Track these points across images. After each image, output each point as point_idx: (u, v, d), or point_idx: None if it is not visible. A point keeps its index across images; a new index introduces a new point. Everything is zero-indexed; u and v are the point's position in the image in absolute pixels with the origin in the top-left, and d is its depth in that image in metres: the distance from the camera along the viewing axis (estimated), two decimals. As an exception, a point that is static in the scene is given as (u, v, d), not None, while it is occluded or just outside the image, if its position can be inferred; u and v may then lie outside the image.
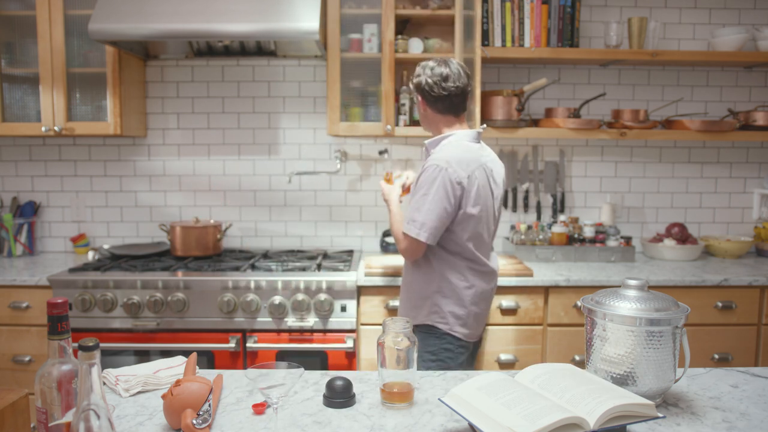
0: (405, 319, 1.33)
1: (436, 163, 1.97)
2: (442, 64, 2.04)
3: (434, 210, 1.95)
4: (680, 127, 2.95)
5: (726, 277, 2.61)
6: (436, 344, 2.05)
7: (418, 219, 1.98)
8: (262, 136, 3.16)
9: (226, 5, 2.55)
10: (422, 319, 2.08)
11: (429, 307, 2.06)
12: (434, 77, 2.03)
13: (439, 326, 2.04)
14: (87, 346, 0.91)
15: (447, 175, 1.95)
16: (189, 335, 2.52)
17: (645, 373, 1.25)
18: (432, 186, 1.96)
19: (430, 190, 1.96)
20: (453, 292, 2.04)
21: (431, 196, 1.96)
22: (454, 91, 2.04)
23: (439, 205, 1.95)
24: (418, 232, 1.97)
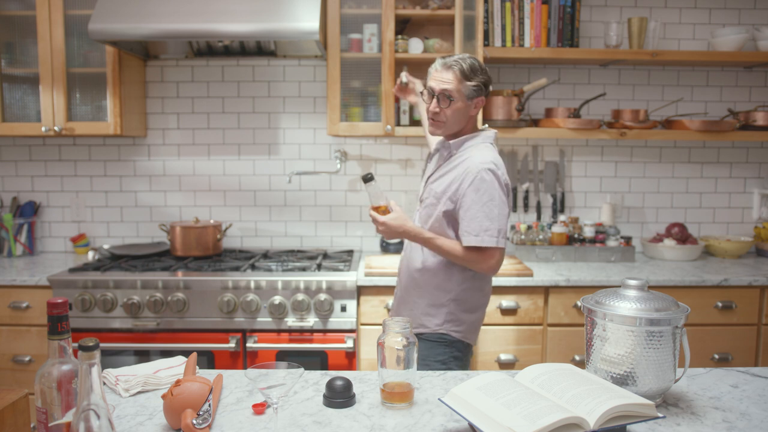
0: (405, 319, 1.33)
1: (486, 166, 1.86)
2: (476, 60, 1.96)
3: (504, 214, 1.88)
4: (680, 127, 2.95)
5: (726, 277, 2.61)
6: (447, 352, 1.96)
7: (492, 227, 1.85)
8: (262, 136, 3.16)
9: (226, 5, 2.55)
10: (435, 327, 1.97)
11: (444, 316, 1.96)
12: (488, 74, 1.95)
13: (453, 334, 1.96)
14: (87, 346, 0.91)
15: (501, 178, 1.88)
16: (189, 335, 2.52)
17: (645, 373, 1.25)
18: (494, 190, 1.86)
19: (494, 194, 1.86)
20: (471, 299, 1.97)
21: (497, 201, 1.86)
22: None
23: (504, 209, 1.88)
24: (497, 240, 1.85)
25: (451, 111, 1.92)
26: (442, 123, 1.95)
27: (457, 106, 1.92)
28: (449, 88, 1.89)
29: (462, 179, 1.88)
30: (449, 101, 1.91)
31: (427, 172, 2.11)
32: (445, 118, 1.93)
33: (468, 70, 1.90)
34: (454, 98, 1.91)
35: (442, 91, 1.90)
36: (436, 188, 1.96)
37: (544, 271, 2.67)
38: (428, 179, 2.04)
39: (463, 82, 1.90)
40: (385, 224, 1.91)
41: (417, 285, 2.01)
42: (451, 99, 1.90)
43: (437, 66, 1.94)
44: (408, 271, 2.05)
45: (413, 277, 2.02)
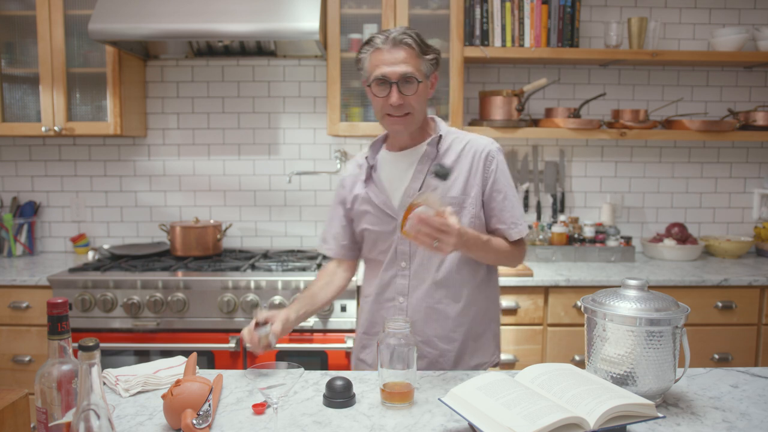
0: (404, 319, 1.33)
1: (496, 145, 1.65)
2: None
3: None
4: (680, 127, 2.95)
5: (726, 277, 2.61)
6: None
7: (521, 216, 1.65)
8: (262, 136, 3.16)
9: (226, 5, 2.55)
10: (488, 357, 1.71)
11: (493, 340, 1.73)
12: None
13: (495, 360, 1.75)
14: (87, 346, 0.91)
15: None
16: (189, 335, 2.52)
17: (645, 373, 1.25)
18: (509, 175, 1.67)
19: (510, 179, 1.66)
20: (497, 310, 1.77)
21: (513, 185, 1.67)
22: None
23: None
24: (524, 230, 1.66)
25: (416, 97, 1.57)
26: (409, 116, 1.58)
27: (421, 90, 1.57)
28: (409, 69, 1.54)
29: (478, 167, 1.61)
30: (416, 85, 1.56)
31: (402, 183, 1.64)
32: (412, 109, 1.57)
33: (422, 42, 1.58)
34: (419, 79, 1.56)
35: (402, 75, 1.54)
36: (445, 193, 1.60)
37: (544, 271, 2.67)
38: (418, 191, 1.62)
39: (421, 56, 1.57)
40: (461, 232, 1.39)
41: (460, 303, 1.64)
42: (418, 81, 1.55)
43: (380, 45, 1.55)
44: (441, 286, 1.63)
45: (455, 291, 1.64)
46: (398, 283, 1.67)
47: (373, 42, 1.57)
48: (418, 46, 1.56)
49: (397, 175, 1.66)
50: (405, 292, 1.66)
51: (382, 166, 1.71)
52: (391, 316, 1.33)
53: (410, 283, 1.65)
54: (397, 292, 1.67)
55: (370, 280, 1.76)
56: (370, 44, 1.58)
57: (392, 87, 1.55)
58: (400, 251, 1.66)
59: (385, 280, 1.69)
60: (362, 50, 1.60)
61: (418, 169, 1.63)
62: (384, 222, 1.66)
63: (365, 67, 1.61)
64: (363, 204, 1.70)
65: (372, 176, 1.69)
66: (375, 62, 1.57)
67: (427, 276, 1.64)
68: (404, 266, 1.66)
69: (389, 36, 1.55)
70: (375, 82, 1.58)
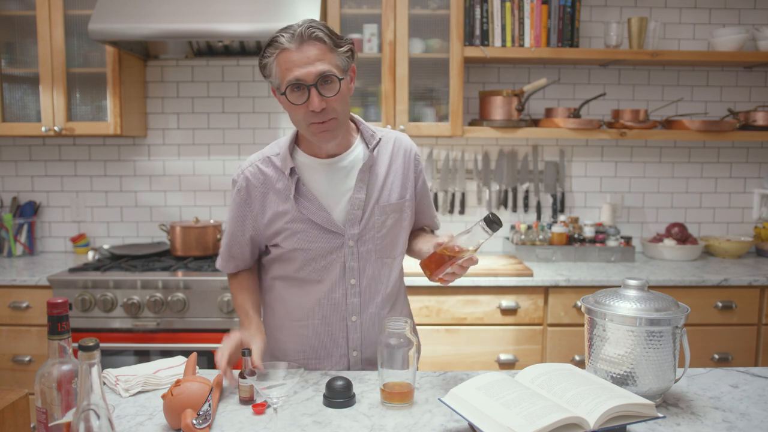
0: (404, 319, 1.33)
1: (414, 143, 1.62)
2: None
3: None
4: (680, 127, 2.95)
5: (726, 277, 2.61)
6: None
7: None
8: (262, 136, 3.16)
9: (226, 5, 2.55)
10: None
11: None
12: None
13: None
14: (87, 346, 0.91)
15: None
16: (189, 335, 2.52)
17: (645, 373, 1.25)
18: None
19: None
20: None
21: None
22: None
23: None
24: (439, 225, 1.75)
25: (339, 98, 1.39)
26: (334, 122, 1.40)
27: (343, 88, 1.40)
28: (326, 67, 1.35)
29: (409, 168, 1.57)
30: (337, 83, 1.38)
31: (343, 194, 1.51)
32: (336, 114, 1.39)
33: (332, 33, 1.38)
34: (339, 76, 1.38)
35: (320, 75, 1.35)
36: (388, 200, 1.53)
37: (544, 271, 2.67)
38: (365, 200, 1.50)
39: (335, 51, 1.38)
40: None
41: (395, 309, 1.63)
42: (339, 78, 1.37)
43: (286, 44, 1.34)
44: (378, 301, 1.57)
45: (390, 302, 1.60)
46: (349, 303, 1.53)
47: (278, 42, 1.35)
48: (330, 39, 1.36)
49: (333, 186, 1.50)
50: (357, 311, 1.54)
51: (308, 176, 1.50)
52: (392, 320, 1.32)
53: (361, 300, 1.54)
54: (349, 311, 1.54)
55: (299, 301, 1.55)
56: (273, 45, 1.36)
57: (310, 90, 1.35)
58: (350, 267, 1.51)
59: (333, 300, 1.53)
60: (265, 53, 1.38)
61: (359, 178, 1.49)
62: (325, 239, 1.49)
63: (273, 73, 1.38)
64: (293, 223, 1.49)
65: (299, 189, 1.49)
66: (285, 65, 1.35)
67: (379, 290, 1.55)
68: (354, 283, 1.53)
69: (294, 32, 1.34)
70: (289, 89, 1.36)
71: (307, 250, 1.50)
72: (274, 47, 1.36)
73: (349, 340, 1.56)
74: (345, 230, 1.50)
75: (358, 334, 1.56)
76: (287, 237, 1.50)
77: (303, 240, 1.49)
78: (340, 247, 1.50)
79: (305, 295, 1.55)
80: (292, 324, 1.58)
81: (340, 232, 1.50)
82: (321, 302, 1.53)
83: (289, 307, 1.58)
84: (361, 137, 1.54)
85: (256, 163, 1.53)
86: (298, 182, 1.48)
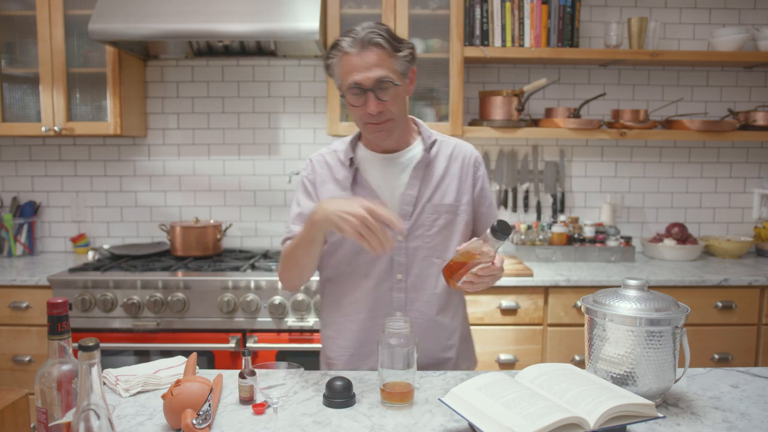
0: (404, 319, 1.33)
1: (477, 152, 1.66)
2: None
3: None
4: (680, 127, 2.95)
5: (726, 277, 2.61)
6: None
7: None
8: (262, 136, 3.16)
9: (226, 5, 2.55)
10: (473, 359, 1.76)
11: (472, 340, 1.76)
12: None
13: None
14: (87, 346, 0.91)
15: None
16: (189, 335, 2.52)
17: (645, 373, 1.25)
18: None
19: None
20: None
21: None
22: None
23: None
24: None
25: (395, 101, 1.46)
26: (390, 123, 1.48)
27: (399, 92, 1.46)
28: (383, 72, 1.42)
29: (468, 173, 1.61)
30: (393, 88, 1.44)
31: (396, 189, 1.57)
32: (392, 115, 1.47)
33: (393, 38, 1.44)
34: (396, 82, 1.44)
35: (378, 80, 1.42)
36: (441, 200, 1.57)
37: (544, 271, 2.67)
38: (417, 197, 1.56)
39: (394, 55, 1.44)
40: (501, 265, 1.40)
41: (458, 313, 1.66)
42: (395, 84, 1.44)
43: (347, 48, 1.42)
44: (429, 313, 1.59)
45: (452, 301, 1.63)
46: (395, 298, 1.56)
47: (340, 46, 1.44)
48: (390, 44, 1.42)
49: (387, 180, 1.56)
50: (402, 307, 1.57)
51: (366, 168, 1.57)
52: (392, 319, 1.32)
53: (407, 296, 1.56)
54: (394, 307, 1.57)
55: (348, 295, 1.59)
56: (337, 48, 1.45)
57: (368, 95, 1.43)
58: (397, 262, 1.55)
59: (379, 295, 1.56)
60: (330, 55, 1.47)
61: (413, 175, 1.55)
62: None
63: (336, 74, 1.48)
64: None
65: (357, 178, 1.56)
66: (345, 69, 1.44)
67: (426, 288, 1.57)
68: (400, 279, 1.55)
69: (356, 37, 1.41)
70: (349, 91, 1.45)
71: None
72: (336, 50, 1.45)
73: None
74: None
75: (402, 315, 1.58)
76: None
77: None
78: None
79: (353, 289, 1.58)
80: (341, 319, 1.61)
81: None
82: (367, 296, 1.56)
83: (338, 303, 1.61)
84: (421, 139, 1.61)
85: (324, 154, 1.63)
86: (356, 173, 1.56)
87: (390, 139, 1.53)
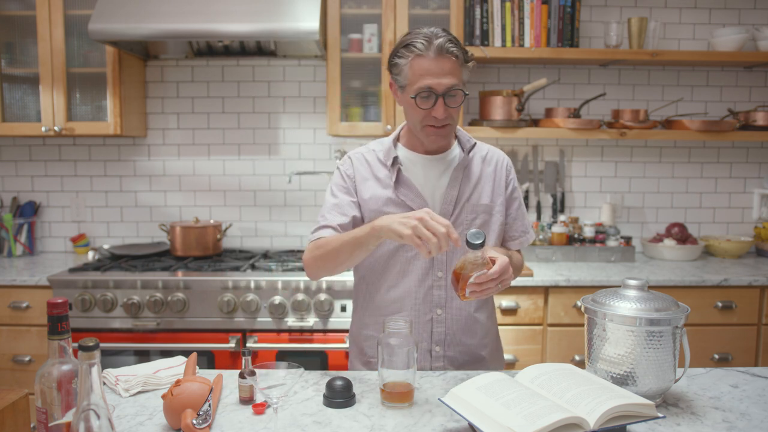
0: (404, 319, 1.33)
1: (511, 162, 1.70)
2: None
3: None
4: (680, 127, 2.95)
5: (726, 277, 2.61)
6: None
7: (530, 225, 1.72)
8: (262, 136, 3.16)
9: (226, 5, 2.55)
10: (502, 357, 1.76)
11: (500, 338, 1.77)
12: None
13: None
14: (87, 346, 0.91)
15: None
16: (189, 335, 2.52)
17: (645, 373, 1.25)
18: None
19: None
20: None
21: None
22: None
23: None
24: (532, 237, 1.73)
25: (457, 110, 1.51)
26: (449, 128, 1.53)
27: (463, 100, 1.51)
28: (456, 81, 1.47)
29: (501, 176, 1.64)
30: (461, 97, 1.49)
31: (437, 189, 1.60)
32: (453, 121, 1.53)
33: (463, 49, 1.50)
34: (466, 92, 1.50)
35: (450, 87, 1.46)
36: (479, 200, 1.61)
37: (544, 271, 2.67)
38: (457, 197, 1.59)
39: (464, 66, 1.50)
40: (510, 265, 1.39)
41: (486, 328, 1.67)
42: (465, 93, 1.49)
43: (422, 51, 1.45)
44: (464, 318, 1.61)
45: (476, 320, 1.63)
46: (435, 295, 1.58)
47: (414, 46, 1.45)
48: (462, 55, 1.48)
49: (429, 180, 1.59)
50: (443, 304, 1.58)
51: (408, 167, 1.60)
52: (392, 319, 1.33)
53: (447, 293, 1.58)
54: (435, 304, 1.58)
55: (387, 293, 1.60)
56: (409, 48, 1.46)
57: (438, 100, 1.46)
58: (438, 260, 1.57)
59: (420, 291, 1.58)
60: (399, 53, 1.48)
61: (453, 176, 1.58)
62: None
63: (404, 73, 1.48)
64: (388, 206, 1.57)
65: (399, 177, 1.58)
66: (418, 71, 1.45)
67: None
68: (440, 276, 1.58)
69: (432, 42, 1.44)
70: (419, 94, 1.46)
71: None
72: (409, 50, 1.46)
73: (432, 334, 1.59)
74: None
75: (442, 328, 1.59)
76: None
77: None
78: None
79: (392, 287, 1.59)
80: (381, 319, 1.60)
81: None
82: (408, 294, 1.58)
83: (377, 301, 1.62)
84: (458, 142, 1.64)
85: (362, 152, 1.65)
86: (399, 172, 1.58)
87: (444, 142, 1.56)
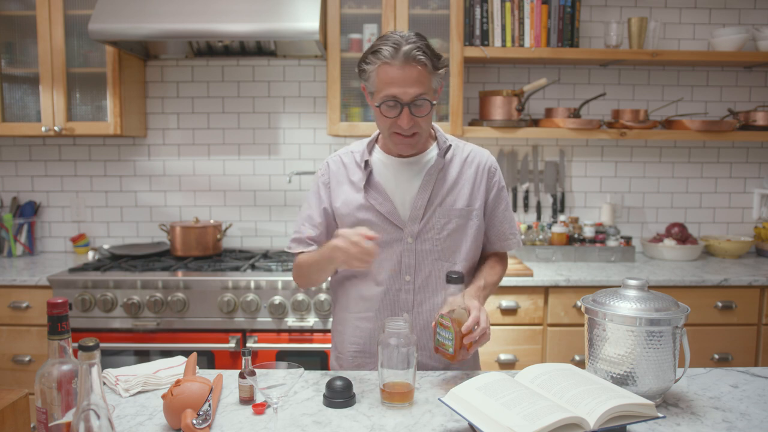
0: (404, 318, 1.33)
1: (494, 158, 1.65)
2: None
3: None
4: (680, 127, 2.95)
5: (726, 277, 2.61)
6: None
7: (517, 228, 1.69)
8: (262, 136, 3.16)
9: (226, 5, 2.55)
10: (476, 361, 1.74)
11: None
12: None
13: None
14: (87, 346, 0.91)
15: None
16: (189, 335, 2.52)
17: (645, 373, 1.25)
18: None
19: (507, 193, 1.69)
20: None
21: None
22: None
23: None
24: (519, 242, 1.70)
25: (426, 119, 1.47)
26: (417, 136, 1.49)
27: (431, 109, 1.47)
28: (422, 90, 1.42)
29: (482, 179, 1.60)
30: (428, 106, 1.45)
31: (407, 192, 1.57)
32: (421, 130, 1.48)
33: (434, 55, 1.44)
34: (433, 101, 1.46)
35: (416, 96, 1.42)
36: (453, 204, 1.57)
37: (544, 271, 2.67)
38: (428, 201, 1.56)
39: (433, 73, 1.45)
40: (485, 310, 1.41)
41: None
42: (431, 103, 1.45)
43: (389, 58, 1.40)
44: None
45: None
46: (402, 299, 1.57)
47: (381, 53, 1.41)
48: (431, 62, 1.42)
49: (400, 184, 1.57)
50: (409, 308, 1.57)
51: (379, 170, 1.58)
52: (392, 319, 1.33)
53: (414, 298, 1.57)
54: (401, 308, 1.58)
55: (358, 293, 1.61)
56: (376, 55, 1.42)
57: (403, 109, 1.43)
58: (405, 264, 1.56)
59: (387, 295, 1.57)
60: (367, 60, 1.45)
61: (426, 179, 1.55)
62: (386, 232, 1.54)
63: (371, 81, 1.46)
64: (359, 211, 1.56)
65: (371, 181, 1.57)
66: (384, 79, 1.42)
67: (434, 292, 1.57)
68: (408, 280, 1.57)
69: (399, 49, 1.39)
70: (384, 102, 1.44)
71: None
72: (376, 57, 1.43)
73: None
74: (405, 226, 1.56)
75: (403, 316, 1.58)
76: (352, 225, 1.55)
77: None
78: (399, 242, 1.56)
79: (364, 289, 1.61)
80: (350, 316, 1.63)
81: (401, 226, 1.56)
82: (376, 296, 1.59)
83: (350, 300, 1.64)
84: (437, 144, 1.61)
85: (341, 154, 1.65)
86: (370, 175, 1.57)
87: (412, 150, 1.55)
